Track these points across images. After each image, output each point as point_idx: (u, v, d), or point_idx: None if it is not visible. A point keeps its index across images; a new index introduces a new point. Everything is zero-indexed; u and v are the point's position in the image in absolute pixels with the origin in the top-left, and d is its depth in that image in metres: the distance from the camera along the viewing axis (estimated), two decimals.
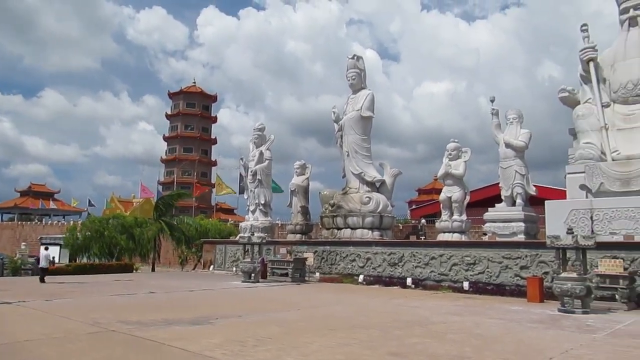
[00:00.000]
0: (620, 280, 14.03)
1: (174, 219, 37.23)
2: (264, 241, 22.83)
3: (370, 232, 23.72)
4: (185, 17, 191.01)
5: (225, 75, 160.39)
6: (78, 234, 38.68)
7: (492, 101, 21.78)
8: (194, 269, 33.99)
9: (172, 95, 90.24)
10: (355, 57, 26.32)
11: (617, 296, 14.08)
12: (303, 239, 26.36)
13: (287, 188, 29.01)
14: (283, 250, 24.08)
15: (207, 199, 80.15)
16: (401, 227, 35.20)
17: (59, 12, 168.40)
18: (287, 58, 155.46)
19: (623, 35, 18.92)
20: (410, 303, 15.17)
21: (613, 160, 17.23)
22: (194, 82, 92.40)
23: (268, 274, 23.61)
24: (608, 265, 14.46)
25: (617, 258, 14.74)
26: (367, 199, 24.28)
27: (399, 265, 20.77)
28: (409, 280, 19.92)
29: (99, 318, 10.81)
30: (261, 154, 28.27)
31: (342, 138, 25.91)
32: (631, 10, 18.58)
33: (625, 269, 14.42)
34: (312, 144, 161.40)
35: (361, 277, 21.50)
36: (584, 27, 19.08)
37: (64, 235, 42.40)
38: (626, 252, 15.16)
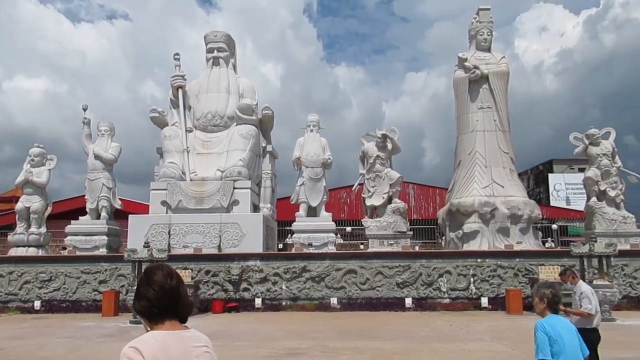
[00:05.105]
0: (187, 289, 15.61)
1: None
2: None
3: None
4: None
5: None
6: None
7: (84, 109, 21.08)
8: None
9: None
10: None
11: None
12: None
13: None
14: None
15: None
16: None
17: None
18: None
19: (207, 71, 21.56)
20: None
21: (191, 180, 19.21)
22: None
23: None
24: (183, 276, 15.85)
25: (187, 269, 16.40)
26: None
27: None
28: None
29: None
30: None
31: None
32: (215, 51, 21.41)
33: (192, 278, 16.15)
34: None
35: None
36: (176, 56, 20.82)
37: None
38: (195, 263, 17.06)
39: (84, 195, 20.92)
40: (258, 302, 16.60)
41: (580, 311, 6.66)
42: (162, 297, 2.19)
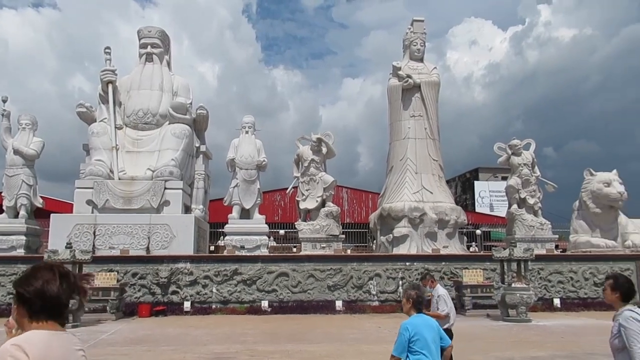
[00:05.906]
0: (112, 292, 15.02)
1: None
2: None
3: None
4: None
5: None
6: None
7: (4, 101, 19.83)
8: None
9: None
10: None
11: (107, 307, 14.99)
12: None
13: None
14: None
15: None
16: None
17: None
18: None
19: (140, 67, 20.88)
20: None
21: (119, 179, 18.51)
22: None
23: None
24: (104, 278, 15.22)
25: (113, 271, 15.77)
26: None
27: None
28: None
29: None
30: None
31: None
32: (149, 47, 20.77)
33: (118, 281, 15.55)
34: None
35: None
36: (107, 50, 20.01)
37: None
38: (121, 265, 16.43)
39: (1, 193, 19.67)
40: (187, 305, 16.23)
41: (437, 313, 7.45)
42: (56, 295, 2.08)
